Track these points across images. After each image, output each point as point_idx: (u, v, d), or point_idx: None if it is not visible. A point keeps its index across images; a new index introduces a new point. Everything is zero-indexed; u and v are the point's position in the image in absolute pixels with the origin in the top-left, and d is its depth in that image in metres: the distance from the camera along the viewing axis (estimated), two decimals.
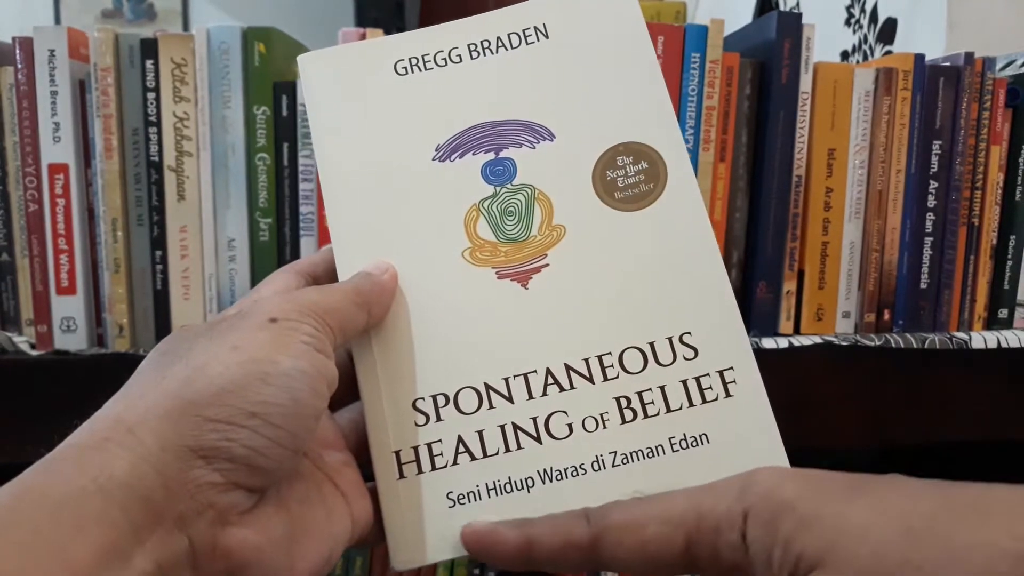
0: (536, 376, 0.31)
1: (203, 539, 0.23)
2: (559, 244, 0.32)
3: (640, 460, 0.30)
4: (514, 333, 0.31)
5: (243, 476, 0.24)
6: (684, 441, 0.30)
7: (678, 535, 0.24)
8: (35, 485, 0.21)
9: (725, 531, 0.23)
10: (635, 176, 0.33)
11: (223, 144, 0.55)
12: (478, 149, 0.33)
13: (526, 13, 0.35)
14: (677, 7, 0.66)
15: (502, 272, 0.32)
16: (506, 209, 0.33)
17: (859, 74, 0.57)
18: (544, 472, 0.30)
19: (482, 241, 0.32)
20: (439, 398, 0.31)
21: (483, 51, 0.34)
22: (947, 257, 0.59)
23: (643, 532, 0.25)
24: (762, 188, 0.57)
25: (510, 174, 0.33)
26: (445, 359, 0.31)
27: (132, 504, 0.21)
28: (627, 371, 0.31)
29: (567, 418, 0.30)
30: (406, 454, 0.30)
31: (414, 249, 0.32)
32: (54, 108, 0.54)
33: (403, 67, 0.34)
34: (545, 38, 0.34)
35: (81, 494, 0.21)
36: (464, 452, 0.30)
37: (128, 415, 0.23)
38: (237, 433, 0.23)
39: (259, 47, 0.54)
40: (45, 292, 0.55)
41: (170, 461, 0.23)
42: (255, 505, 0.25)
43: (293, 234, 0.56)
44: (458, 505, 0.30)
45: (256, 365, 0.24)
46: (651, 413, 0.30)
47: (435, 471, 0.30)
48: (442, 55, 0.34)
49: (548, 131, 0.33)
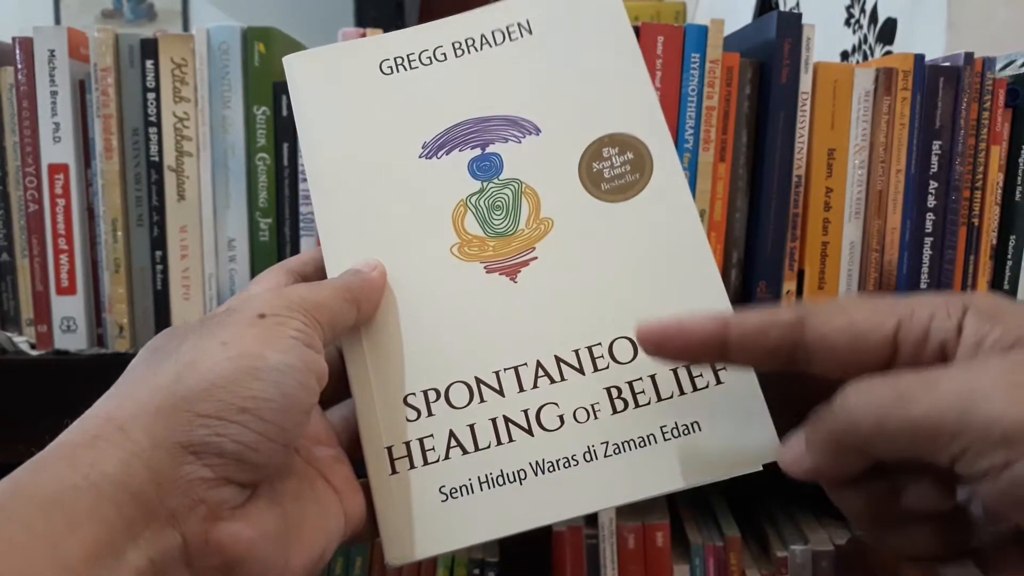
0: (527, 369, 0.31)
1: (196, 534, 0.23)
2: (547, 237, 0.32)
3: (632, 450, 0.30)
4: (504, 327, 0.31)
5: (233, 471, 0.24)
6: (676, 429, 0.30)
7: (890, 319, 0.24)
8: (27, 483, 0.21)
9: (940, 318, 0.23)
10: (621, 167, 0.33)
11: (223, 144, 0.55)
12: (464, 145, 0.33)
13: (509, 10, 0.35)
14: (677, 7, 0.66)
15: (491, 266, 0.32)
16: (493, 204, 0.33)
17: (859, 74, 0.57)
18: (536, 464, 0.30)
19: (470, 236, 0.32)
20: (430, 393, 0.31)
21: (467, 49, 0.34)
22: (947, 257, 0.59)
23: (854, 314, 0.24)
24: (762, 188, 0.57)
25: (496, 169, 0.33)
26: (435, 354, 0.31)
27: (124, 500, 0.22)
28: (617, 361, 0.31)
29: (558, 409, 0.30)
30: (398, 449, 0.30)
31: (402, 246, 0.32)
32: (54, 108, 0.54)
33: (388, 66, 0.34)
34: (529, 34, 0.34)
35: (73, 491, 0.21)
36: (456, 446, 0.30)
37: (119, 412, 0.23)
38: (227, 428, 0.23)
39: (259, 47, 0.54)
40: (45, 292, 0.55)
41: (161, 457, 0.23)
42: (247, 500, 0.25)
43: (293, 234, 0.56)
44: (450, 499, 0.30)
45: (245, 360, 0.24)
46: (642, 403, 0.30)
47: (427, 466, 0.30)
48: (427, 54, 0.34)
49: (534, 125, 0.33)
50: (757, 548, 0.68)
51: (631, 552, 0.65)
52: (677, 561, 0.66)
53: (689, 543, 0.66)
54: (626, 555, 0.65)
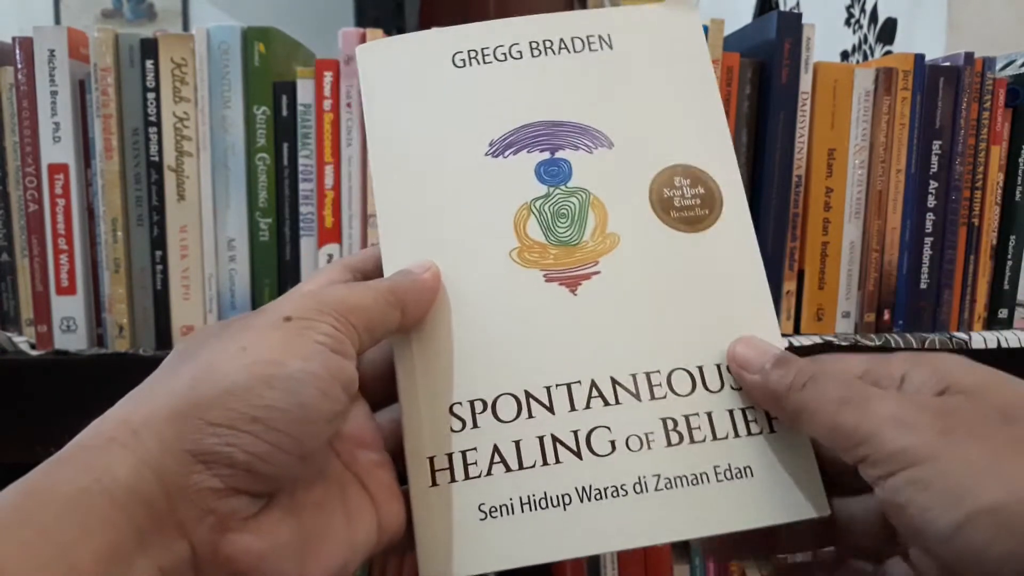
0: (580, 387, 0.29)
1: (204, 545, 0.23)
2: (612, 252, 0.31)
3: (683, 487, 0.28)
4: (559, 340, 0.30)
5: (244, 482, 0.23)
6: (729, 471, 0.29)
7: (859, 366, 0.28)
8: (42, 485, 0.21)
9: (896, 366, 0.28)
10: (692, 199, 0.32)
11: (223, 144, 0.55)
12: (533, 147, 0.32)
13: (592, 20, 0.34)
14: None
15: (550, 275, 0.31)
16: (559, 211, 0.31)
17: (859, 74, 0.57)
18: (583, 490, 0.28)
19: (531, 242, 0.31)
20: (476, 404, 0.29)
21: (545, 51, 0.33)
22: (947, 257, 0.59)
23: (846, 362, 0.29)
24: (762, 188, 0.57)
25: (565, 175, 0.32)
26: (486, 363, 0.30)
27: (135, 508, 0.21)
28: (675, 392, 0.29)
29: (610, 434, 0.29)
30: (440, 460, 0.29)
31: (460, 246, 0.31)
32: (54, 108, 0.54)
33: (461, 59, 0.33)
34: (609, 48, 0.33)
35: (86, 496, 0.21)
36: (499, 462, 0.29)
37: (134, 416, 0.23)
38: (238, 438, 0.23)
39: (259, 47, 0.54)
40: (45, 292, 0.55)
41: (170, 465, 0.22)
42: (261, 510, 0.24)
43: (293, 234, 0.56)
44: (489, 518, 0.28)
45: (261, 367, 0.23)
46: (697, 439, 0.29)
47: (468, 480, 0.29)
48: (502, 50, 0.33)
49: (607, 138, 0.32)
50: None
51: (631, 552, 0.65)
52: (677, 561, 0.66)
53: (689, 543, 0.66)
54: (626, 555, 0.65)
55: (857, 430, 0.25)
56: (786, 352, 0.29)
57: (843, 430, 0.26)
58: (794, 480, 0.29)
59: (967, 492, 0.23)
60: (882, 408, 0.25)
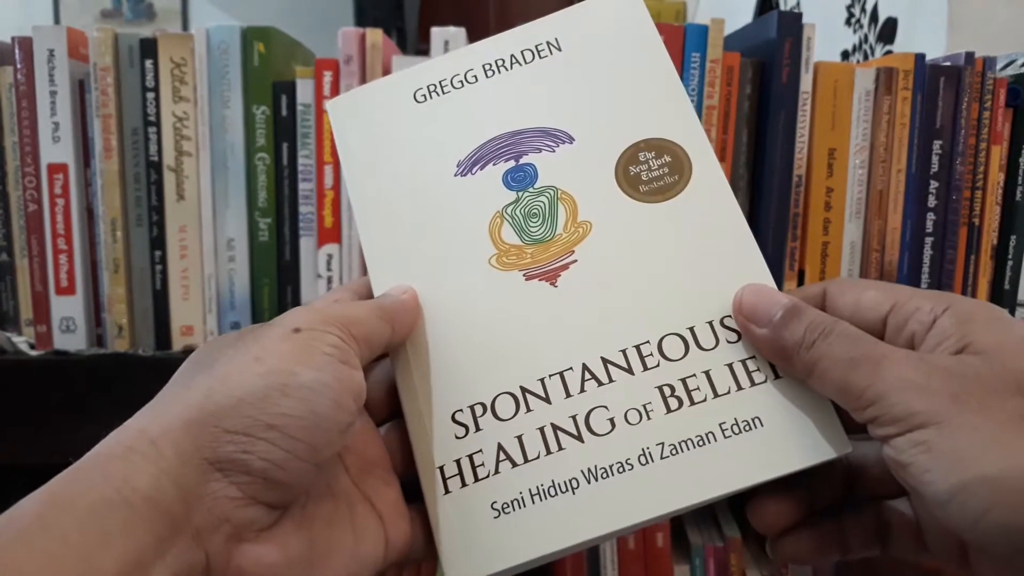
0: (572, 373, 0.30)
1: (219, 555, 0.23)
2: (586, 239, 0.32)
3: (691, 449, 0.29)
4: (546, 333, 0.31)
5: (261, 490, 0.24)
6: (736, 426, 0.29)
7: (886, 304, 0.28)
8: (63, 494, 0.21)
9: (924, 311, 0.27)
10: (659, 169, 0.32)
11: (222, 144, 0.55)
12: (498, 159, 0.33)
13: (537, 30, 0.35)
14: (677, 7, 0.66)
15: (529, 274, 0.32)
16: (530, 212, 0.32)
17: (859, 74, 0.57)
18: (588, 471, 0.29)
19: (507, 246, 0.32)
20: (476, 407, 0.30)
21: (498, 69, 0.35)
22: (948, 257, 0.59)
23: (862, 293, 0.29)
24: (762, 188, 0.57)
25: (531, 178, 0.33)
26: (480, 368, 0.31)
27: (154, 517, 0.21)
28: (668, 359, 0.30)
29: (608, 412, 0.29)
30: (449, 468, 0.30)
31: (442, 263, 0.32)
32: (53, 108, 0.54)
33: (422, 95, 0.35)
34: (558, 51, 0.34)
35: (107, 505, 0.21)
36: (505, 459, 0.29)
37: (152, 426, 0.23)
38: (255, 445, 0.23)
39: (258, 47, 0.54)
40: (44, 292, 0.55)
41: (188, 473, 0.22)
42: (275, 522, 0.25)
43: (292, 234, 0.56)
44: (502, 515, 0.29)
45: (276, 376, 0.24)
46: (697, 400, 0.29)
47: (477, 482, 0.29)
48: (458, 78, 0.35)
49: (567, 134, 0.33)
50: (757, 548, 0.68)
51: (631, 552, 0.65)
52: (677, 561, 0.66)
53: (689, 543, 0.66)
54: (626, 555, 0.65)
55: (867, 392, 0.25)
56: (796, 301, 0.28)
57: (853, 391, 0.26)
58: (807, 423, 0.29)
59: (967, 459, 0.23)
60: (894, 370, 0.25)
